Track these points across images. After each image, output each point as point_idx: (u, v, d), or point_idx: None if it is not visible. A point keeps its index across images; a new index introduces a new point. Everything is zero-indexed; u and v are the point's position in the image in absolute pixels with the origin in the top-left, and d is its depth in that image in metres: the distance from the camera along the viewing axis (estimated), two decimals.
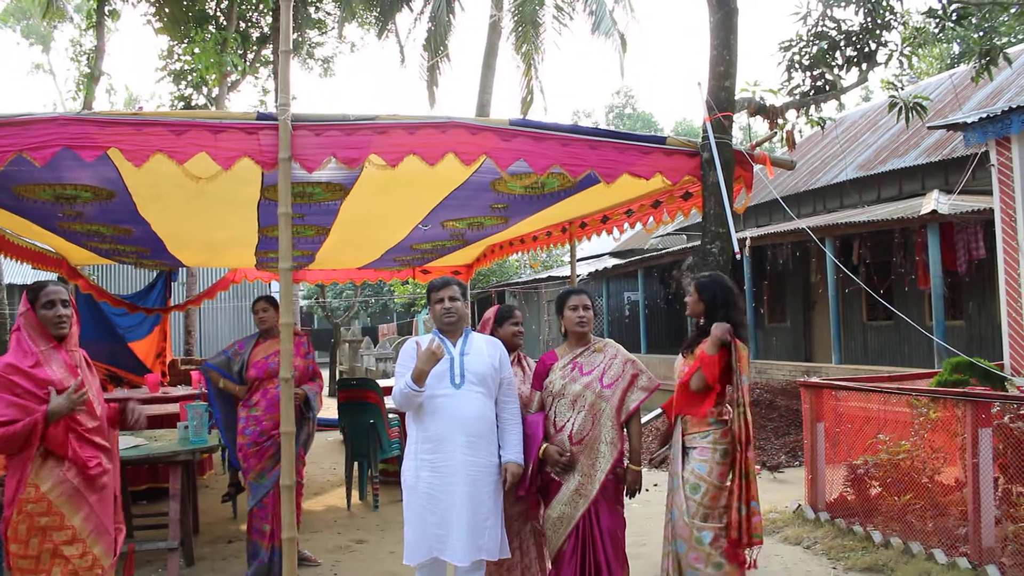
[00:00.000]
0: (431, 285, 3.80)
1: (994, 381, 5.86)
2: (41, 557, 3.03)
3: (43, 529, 3.03)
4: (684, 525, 3.67)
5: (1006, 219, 8.09)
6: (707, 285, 3.87)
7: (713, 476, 3.67)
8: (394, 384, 3.65)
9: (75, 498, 3.09)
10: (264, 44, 15.89)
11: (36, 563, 3.03)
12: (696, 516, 3.65)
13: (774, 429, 9.29)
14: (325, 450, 10.17)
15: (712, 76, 5.26)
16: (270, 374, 4.99)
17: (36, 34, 32.11)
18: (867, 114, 18.23)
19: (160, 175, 4.36)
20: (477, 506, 3.50)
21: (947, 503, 5.08)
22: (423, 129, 4.10)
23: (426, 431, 3.57)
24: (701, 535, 3.63)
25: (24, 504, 3.02)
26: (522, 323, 4.17)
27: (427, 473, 3.52)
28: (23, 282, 21.57)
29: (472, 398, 3.58)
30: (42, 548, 3.03)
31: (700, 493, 3.67)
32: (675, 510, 3.74)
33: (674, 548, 3.73)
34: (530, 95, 14.63)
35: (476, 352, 3.67)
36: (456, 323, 3.71)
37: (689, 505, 3.67)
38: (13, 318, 22.43)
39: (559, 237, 7.69)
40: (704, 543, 3.63)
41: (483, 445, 3.58)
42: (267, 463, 4.95)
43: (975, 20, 6.52)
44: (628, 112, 48.92)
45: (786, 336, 16.32)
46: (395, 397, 3.60)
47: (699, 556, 3.63)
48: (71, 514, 3.07)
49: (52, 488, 3.04)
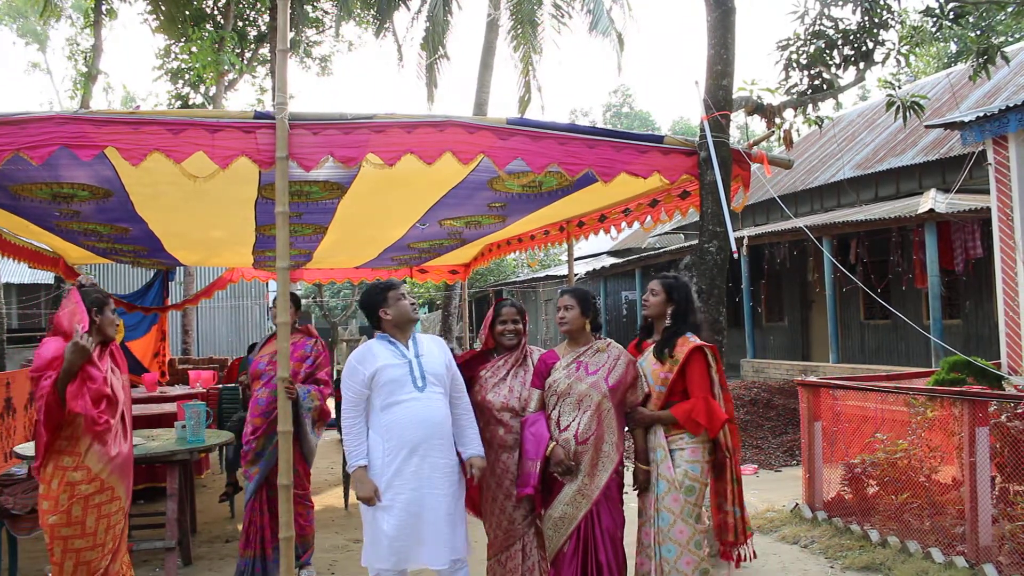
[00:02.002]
0: (389, 283, 3.73)
1: (991, 380, 5.86)
2: (97, 532, 3.43)
3: (97, 506, 3.41)
4: (681, 530, 3.59)
5: (1003, 218, 8.10)
6: (675, 286, 3.85)
7: (704, 475, 3.69)
8: (343, 395, 3.57)
9: (120, 472, 3.51)
10: (261, 43, 15.89)
11: (93, 538, 3.40)
12: (692, 518, 3.62)
13: (771, 428, 9.29)
14: (322, 450, 10.15)
15: (710, 75, 5.26)
16: (257, 374, 4.95)
17: (32, 33, 32.04)
18: (864, 113, 18.25)
19: (157, 174, 4.36)
20: (450, 508, 3.51)
21: (944, 502, 5.09)
22: (421, 128, 4.10)
23: (397, 439, 3.46)
24: (699, 539, 3.60)
25: (77, 486, 3.35)
26: (516, 320, 3.97)
27: (401, 483, 3.43)
28: (20, 281, 21.52)
29: (436, 400, 3.55)
30: (99, 524, 3.42)
31: (695, 495, 3.64)
32: (665, 514, 3.63)
33: (658, 553, 3.62)
34: (528, 94, 14.63)
35: (428, 352, 3.66)
36: (413, 322, 3.70)
37: (686, 508, 3.61)
38: (11, 317, 22.34)
39: (557, 236, 7.70)
40: (701, 547, 3.60)
41: (449, 446, 3.59)
42: (249, 466, 4.87)
43: (972, 19, 6.53)
44: (625, 111, 48.94)
45: (783, 335, 16.34)
46: (344, 421, 3.55)
47: (691, 560, 3.57)
48: (118, 485, 3.50)
49: (103, 468, 3.43)
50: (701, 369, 3.68)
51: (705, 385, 3.67)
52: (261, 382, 4.90)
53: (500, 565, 3.78)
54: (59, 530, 3.36)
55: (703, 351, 3.70)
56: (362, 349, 3.64)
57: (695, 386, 3.67)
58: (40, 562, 5.33)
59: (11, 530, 4.63)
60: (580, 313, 3.81)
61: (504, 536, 3.79)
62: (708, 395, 3.66)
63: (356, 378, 3.53)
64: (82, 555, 3.38)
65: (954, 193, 10.53)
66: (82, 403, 3.31)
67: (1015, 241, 7.93)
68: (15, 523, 4.61)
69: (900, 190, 13.76)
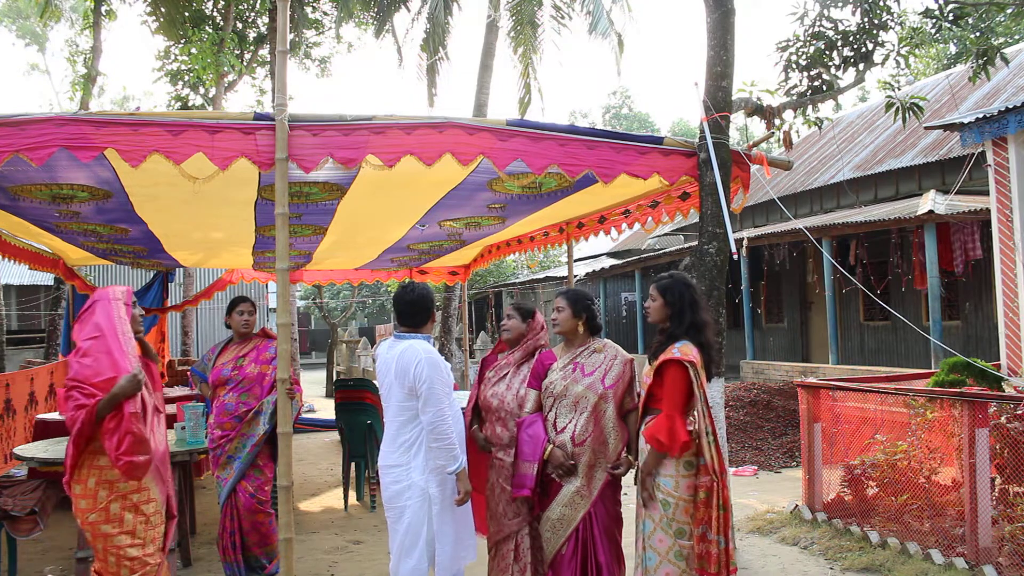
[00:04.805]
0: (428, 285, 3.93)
1: (991, 381, 5.85)
2: (136, 529, 3.45)
3: (135, 505, 3.43)
4: (660, 539, 3.48)
5: (1002, 219, 8.10)
6: (669, 287, 3.61)
7: (680, 490, 3.45)
8: (441, 395, 3.63)
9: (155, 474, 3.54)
10: (261, 44, 15.89)
11: (133, 536, 3.42)
12: (670, 529, 3.47)
13: (771, 429, 9.29)
14: (322, 451, 10.16)
15: (709, 76, 5.26)
16: (222, 381, 4.92)
17: (31, 34, 32.07)
18: (864, 114, 18.26)
19: (157, 175, 4.36)
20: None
21: (944, 503, 5.08)
22: (420, 129, 4.10)
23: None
24: (680, 551, 3.46)
25: (115, 484, 3.36)
26: (511, 316, 4.05)
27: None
28: (20, 283, 21.52)
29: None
30: (137, 521, 3.43)
31: (671, 508, 3.45)
32: (648, 521, 3.53)
33: (643, 560, 3.55)
34: (528, 95, 14.62)
35: None
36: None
37: (663, 520, 3.47)
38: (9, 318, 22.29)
39: (556, 237, 7.69)
40: (680, 559, 3.45)
41: None
42: (221, 471, 4.86)
43: (972, 20, 6.54)
44: (625, 112, 48.95)
45: (783, 336, 16.34)
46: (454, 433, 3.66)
47: (671, 572, 3.45)
48: (153, 487, 3.51)
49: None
50: (675, 383, 3.42)
51: (676, 401, 3.41)
52: (227, 387, 4.89)
53: (497, 562, 3.82)
54: (99, 527, 3.35)
55: (682, 365, 3.42)
56: (437, 353, 3.72)
57: (664, 401, 3.45)
58: (39, 563, 5.32)
59: (10, 532, 4.63)
60: (571, 314, 3.80)
61: (496, 529, 3.85)
62: (677, 412, 3.40)
63: (449, 380, 3.69)
64: (124, 551, 3.36)
65: (953, 194, 10.54)
66: (112, 442, 3.28)
67: (1015, 242, 7.93)
68: (15, 525, 4.60)
69: (900, 191, 13.77)
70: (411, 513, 3.63)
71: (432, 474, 3.62)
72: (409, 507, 3.63)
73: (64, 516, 6.13)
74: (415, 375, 3.58)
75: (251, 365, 4.94)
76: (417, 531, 3.63)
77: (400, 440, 3.69)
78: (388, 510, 3.74)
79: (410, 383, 3.60)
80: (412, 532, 3.63)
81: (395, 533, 3.70)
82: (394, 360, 3.69)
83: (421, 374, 3.57)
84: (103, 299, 3.52)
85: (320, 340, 35.40)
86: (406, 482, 3.65)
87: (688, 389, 3.42)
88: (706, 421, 3.40)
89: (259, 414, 4.86)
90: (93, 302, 3.53)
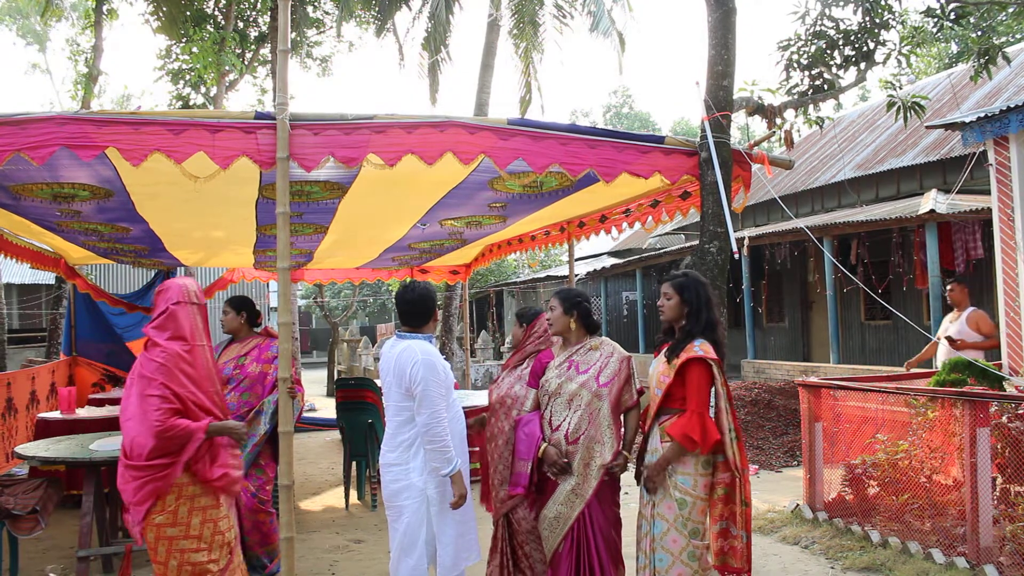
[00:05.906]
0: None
1: (992, 381, 5.85)
2: (203, 535, 3.44)
3: (203, 508, 3.41)
4: (674, 539, 3.49)
5: (1004, 218, 8.09)
6: (686, 285, 3.62)
7: (699, 488, 3.48)
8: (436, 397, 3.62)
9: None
10: (262, 43, 15.87)
11: (199, 540, 3.40)
12: (684, 529, 3.48)
13: (772, 429, 9.29)
14: (323, 450, 10.17)
15: (710, 75, 5.26)
16: (224, 380, 4.87)
17: (32, 34, 32.06)
18: (865, 113, 18.25)
19: (158, 174, 4.36)
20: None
21: (945, 503, 5.08)
22: (421, 128, 4.10)
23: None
24: (693, 551, 3.47)
25: (184, 487, 3.36)
26: (515, 325, 4.17)
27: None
28: (21, 282, 21.55)
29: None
30: (204, 527, 3.42)
31: (688, 508, 3.47)
32: (659, 521, 3.53)
33: (652, 561, 3.54)
34: (529, 94, 14.62)
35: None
36: None
37: (678, 519, 3.48)
38: (11, 317, 22.31)
39: (557, 237, 7.70)
40: (694, 560, 3.47)
41: None
42: None
43: (973, 19, 6.54)
44: (626, 111, 48.91)
45: (784, 335, 16.34)
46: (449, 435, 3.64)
47: (683, 572, 3.46)
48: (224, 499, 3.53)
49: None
50: (700, 381, 3.46)
51: (702, 399, 3.44)
52: (229, 387, 4.89)
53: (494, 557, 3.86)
54: (165, 530, 3.33)
55: (706, 363, 3.46)
56: (437, 353, 3.73)
57: (691, 400, 3.46)
58: (41, 562, 5.33)
59: (12, 530, 4.63)
60: (562, 313, 3.81)
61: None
62: (703, 410, 3.43)
63: (446, 381, 3.69)
64: (187, 556, 3.35)
65: (955, 194, 10.52)
66: (207, 457, 3.40)
67: (1016, 242, 7.92)
68: (16, 523, 4.60)
69: (901, 191, 13.76)
70: (410, 513, 3.63)
71: (431, 475, 3.62)
72: (408, 507, 3.63)
73: (65, 515, 6.15)
74: (411, 376, 3.58)
75: (252, 364, 4.95)
76: (416, 531, 3.63)
77: (399, 439, 3.69)
78: (388, 508, 3.74)
79: (406, 384, 3.61)
80: (411, 532, 3.63)
81: (395, 532, 3.70)
82: (393, 360, 3.70)
83: (416, 376, 3.57)
84: (182, 300, 3.47)
85: (321, 339, 35.43)
86: (405, 482, 3.65)
87: (711, 387, 3.48)
88: (729, 418, 3.46)
89: (260, 413, 4.86)
90: (177, 303, 3.45)
